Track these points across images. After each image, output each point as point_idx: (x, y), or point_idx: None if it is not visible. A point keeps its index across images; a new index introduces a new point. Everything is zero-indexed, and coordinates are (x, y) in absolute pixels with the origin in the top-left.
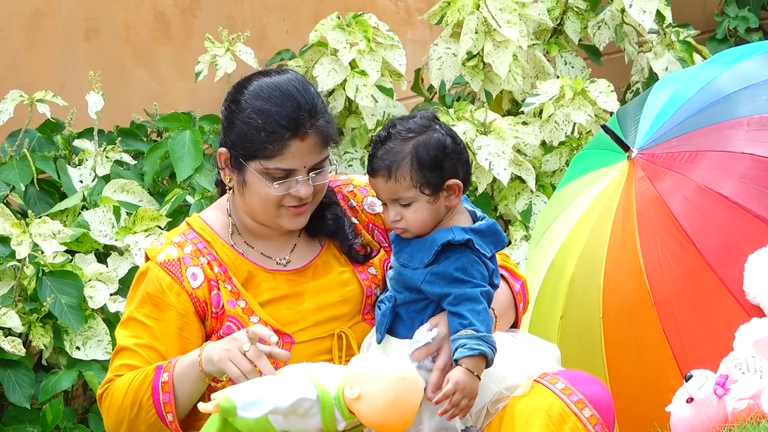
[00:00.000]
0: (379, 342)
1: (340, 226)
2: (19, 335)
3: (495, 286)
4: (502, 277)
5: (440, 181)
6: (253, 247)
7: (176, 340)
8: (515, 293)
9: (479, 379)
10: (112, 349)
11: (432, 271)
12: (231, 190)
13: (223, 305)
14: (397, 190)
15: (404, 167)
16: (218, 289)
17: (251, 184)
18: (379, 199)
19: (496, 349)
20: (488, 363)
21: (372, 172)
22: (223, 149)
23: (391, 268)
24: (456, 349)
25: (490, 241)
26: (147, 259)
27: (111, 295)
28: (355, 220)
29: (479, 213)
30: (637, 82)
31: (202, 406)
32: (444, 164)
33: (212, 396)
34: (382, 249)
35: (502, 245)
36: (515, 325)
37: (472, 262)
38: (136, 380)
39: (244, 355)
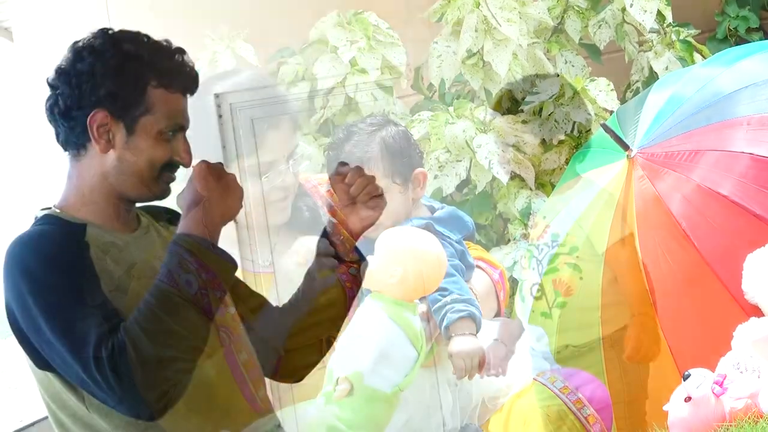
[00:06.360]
0: None
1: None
2: None
3: (470, 266)
4: (480, 267)
5: (409, 169)
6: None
7: None
8: (494, 282)
9: (474, 335)
10: None
11: None
12: None
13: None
14: None
15: (376, 157)
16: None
17: None
18: None
19: (481, 313)
20: (477, 325)
21: None
22: None
23: None
24: (444, 317)
25: (455, 227)
26: None
27: None
28: (333, 219)
29: (438, 205)
30: (637, 81)
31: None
32: (411, 152)
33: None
34: None
35: (467, 229)
36: (498, 313)
37: None
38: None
39: None
